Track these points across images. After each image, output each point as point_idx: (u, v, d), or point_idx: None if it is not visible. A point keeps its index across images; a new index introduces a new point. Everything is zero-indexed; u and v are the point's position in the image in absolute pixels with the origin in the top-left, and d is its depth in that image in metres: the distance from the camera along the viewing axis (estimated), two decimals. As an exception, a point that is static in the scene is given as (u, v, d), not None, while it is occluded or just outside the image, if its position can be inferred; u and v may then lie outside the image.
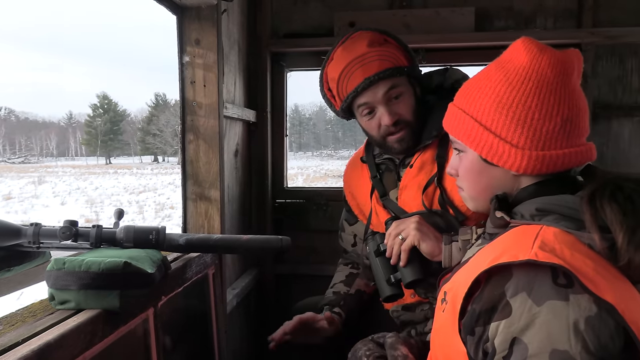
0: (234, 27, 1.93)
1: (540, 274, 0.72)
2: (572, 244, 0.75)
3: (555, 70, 0.83)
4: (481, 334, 0.76)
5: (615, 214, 0.73)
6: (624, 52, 2.12)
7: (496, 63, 0.89)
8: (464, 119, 0.89)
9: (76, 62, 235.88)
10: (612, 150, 2.14)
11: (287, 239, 1.24)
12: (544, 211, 0.81)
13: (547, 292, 0.71)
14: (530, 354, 0.69)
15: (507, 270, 0.75)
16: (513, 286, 0.73)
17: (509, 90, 0.84)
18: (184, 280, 1.28)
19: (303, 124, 64.12)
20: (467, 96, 0.90)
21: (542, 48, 0.85)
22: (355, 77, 1.31)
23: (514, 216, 0.86)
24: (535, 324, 0.70)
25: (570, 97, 0.84)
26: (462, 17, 2.11)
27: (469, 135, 0.88)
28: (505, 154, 0.84)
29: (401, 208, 1.41)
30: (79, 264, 0.91)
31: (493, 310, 0.74)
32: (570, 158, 0.83)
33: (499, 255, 0.77)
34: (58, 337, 0.77)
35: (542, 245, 0.74)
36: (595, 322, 0.68)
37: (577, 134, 0.84)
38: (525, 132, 0.83)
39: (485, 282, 0.78)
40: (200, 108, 1.53)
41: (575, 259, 0.72)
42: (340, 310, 1.52)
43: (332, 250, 2.08)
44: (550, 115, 0.82)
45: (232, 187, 1.94)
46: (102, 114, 74.36)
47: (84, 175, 34.48)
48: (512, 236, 0.82)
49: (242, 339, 2.01)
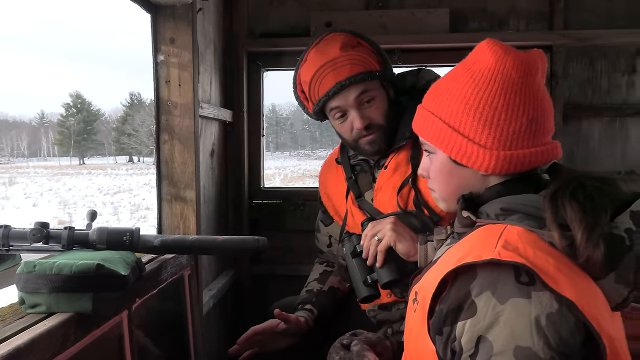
0: (209, 26, 1.92)
1: (504, 272, 0.73)
2: (535, 242, 0.76)
3: (519, 71, 0.85)
4: (449, 334, 0.77)
5: (575, 211, 0.75)
6: (594, 54, 2.17)
7: (462, 65, 0.91)
8: (433, 120, 0.90)
9: (47, 61, 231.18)
10: (582, 149, 2.19)
11: (263, 239, 1.24)
12: (509, 210, 0.83)
13: (510, 290, 0.72)
14: (495, 351, 0.71)
15: (472, 270, 0.76)
16: (478, 285, 0.74)
17: (475, 92, 0.85)
18: (159, 282, 1.27)
19: (280, 123, 63.99)
20: (435, 98, 0.91)
21: (507, 49, 0.86)
22: (327, 81, 1.31)
23: (480, 215, 0.87)
24: (499, 322, 0.71)
25: (535, 97, 0.85)
26: (437, 18, 2.13)
27: (437, 137, 0.89)
28: (474, 155, 0.85)
29: (377, 209, 1.42)
30: (50, 266, 0.89)
31: (459, 310, 0.75)
32: (537, 157, 0.85)
33: (465, 255, 0.78)
34: (28, 341, 0.76)
35: (506, 245, 0.75)
36: (556, 318, 0.70)
37: (542, 133, 0.86)
38: (493, 132, 0.84)
39: (452, 282, 0.79)
40: (175, 108, 1.51)
41: (537, 257, 0.73)
42: (312, 307, 1.52)
43: (309, 250, 2.08)
44: (516, 115, 0.83)
45: (209, 188, 1.93)
46: (76, 114, 72.95)
47: (57, 176, 33.79)
48: (478, 236, 0.83)
49: (219, 340, 1.99)
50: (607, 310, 0.76)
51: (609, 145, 2.19)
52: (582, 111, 2.17)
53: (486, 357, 0.71)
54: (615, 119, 2.18)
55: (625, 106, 2.16)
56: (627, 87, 2.17)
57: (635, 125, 2.18)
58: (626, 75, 2.17)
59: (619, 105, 2.16)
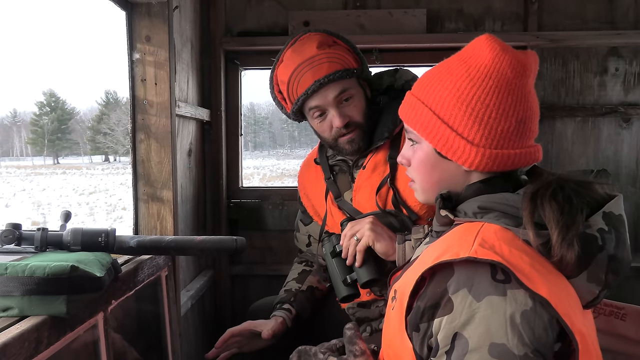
0: (186, 24, 1.90)
1: (480, 270, 0.74)
2: (511, 240, 0.77)
3: (515, 71, 0.85)
4: (425, 330, 0.78)
5: (554, 211, 0.76)
6: (567, 55, 2.21)
7: (458, 57, 0.89)
8: (422, 110, 0.89)
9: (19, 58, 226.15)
10: (556, 148, 2.23)
11: (241, 239, 1.23)
12: (486, 209, 0.84)
13: (486, 287, 0.73)
14: (471, 348, 0.72)
15: (450, 268, 0.77)
16: (455, 283, 0.75)
17: (469, 87, 0.85)
18: (136, 284, 1.25)
19: (259, 122, 63.69)
20: (427, 87, 0.90)
21: (505, 47, 0.86)
22: (305, 79, 1.31)
23: (458, 214, 0.88)
24: (475, 319, 0.72)
25: (527, 99, 0.86)
26: (414, 19, 2.15)
27: (425, 127, 0.88)
28: (460, 149, 0.85)
29: (356, 209, 1.42)
30: (22, 268, 0.87)
31: (436, 307, 0.76)
32: (520, 158, 0.86)
33: (442, 253, 0.79)
34: (0, 345, 0.74)
35: (482, 243, 0.76)
36: (530, 315, 0.71)
37: (528, 135, 0.87)
38: (482, 129, 0.84)
39: (430, 279, 0.80)
40: (152, 107, 1.49)
41: (513, 255, 0.74)
42: (290, 306, 1.52)
43: (288, 250, 2.08)
44: (506, 115, 0.84)
45: (186, 188, 1.91)
46: (49, 112, 71.48)
47: (30, 176, 33.06)
48: (455, 234, 0.84)
49: (197, 341, 1.98)
50: (579, 308, 0.78)
51: (582, 145, 2.23)
52: (556, 111, 2.21)
53: (462, 353, 0.72)
54: (587, 119, 2.22)
55: (597, 106, 2.20)
56: (599, 88, 2.22)
57: (606, 125, 2.23)
58: (598, 76, 2.22)
59: (591, 105, 2.21)
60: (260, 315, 1.53)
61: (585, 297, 0.80)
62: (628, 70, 2.20)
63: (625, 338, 1.61)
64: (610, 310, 1.63)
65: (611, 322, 1.62)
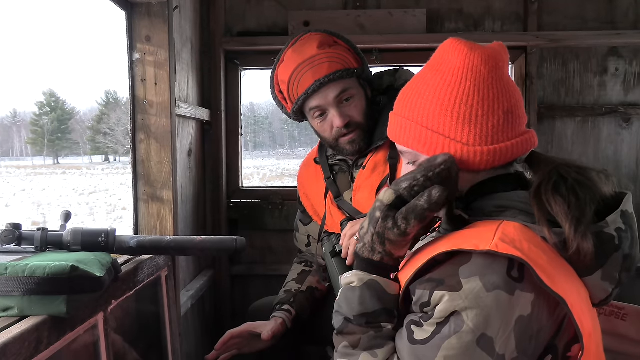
0: (186, 24, 1.90)
1: (497, 262, 0.75)
2: (530, 237, 0.77)
3: (488, 66, 0.85)
4: (421, 296, 0.78)
5: (560, 206, 0.77)
6: (567, 55, 2.21)
7: (429, 67, 0.90)
8: (411, 126, 0.89)
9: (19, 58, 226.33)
10: (556, 148, 2.23)
11: (241, 239, 1.23)
12: (502, 207, 0.84)
13: (499, 281, 0.74)
14: (464, 330, 0.73)
15: (467, 255, 0.77)
16: (469, 269, 0.75)
17: (449, 92, 0.85)
18: (136, 284, 1.25)
19: (259, 122, 63.70)
20: (409, 104, 0.90)
21: (472, 46, 0.87)
22: (305, 79, 1.31)
23: (472, 213, 0.88)
24: (479, 306, 0.73)
25: (507, 89, 0.86)
26: (414, 19, 2.15)
27: (419, 141, 0.88)
28: (458, 153, 0.85)
29: (355, 209, 1.42)
30: (22, 268, 0.87)
31: (441, 282, 0.76)
32: (518, 147, 0.86)
33: (461, 243, 0.78)
34: (0, 345, 0.74)
35: (503, 237, 0.76)
36: (524, 322, 0.73)
37: (518, 122, 0.87)
38: (473, 129, 0.84)
39: (442, 263, 0.80)
40: (152, 107, 1.50)
41: (532, 252, 0.75)
42: (290, 307, 1.52)
43: (288, 250, 2.08)
44: (492, 110, 0.84)
45: (186, 188, 1.91)
46: (49, 112, 71.47)
47: (30, 176, 33.05)
48: (473, 228, 0.83)
49: (197, 341, 1.98)
50: (589, 308, 0.79)
51: (582, 145, 2.23)
52: (556, 111, 2.21)
53: (454, 330, 0.74)
54: (587, 119, 2.22)
55: (597, 106, 2.20)
56: (599, 88, 2.22)
57: (606, 125, 2.23)
58: (598, 76, 2.22)
59: (591, 105, 2.21)
60: (260, 316, 1.53)
61: (598, 295, 0.80)
62: (628, 70, 2.20)
63: (625, 338, 1.61)
64: (610, 310, 1.63)
65: (611, 322, 1.62)
